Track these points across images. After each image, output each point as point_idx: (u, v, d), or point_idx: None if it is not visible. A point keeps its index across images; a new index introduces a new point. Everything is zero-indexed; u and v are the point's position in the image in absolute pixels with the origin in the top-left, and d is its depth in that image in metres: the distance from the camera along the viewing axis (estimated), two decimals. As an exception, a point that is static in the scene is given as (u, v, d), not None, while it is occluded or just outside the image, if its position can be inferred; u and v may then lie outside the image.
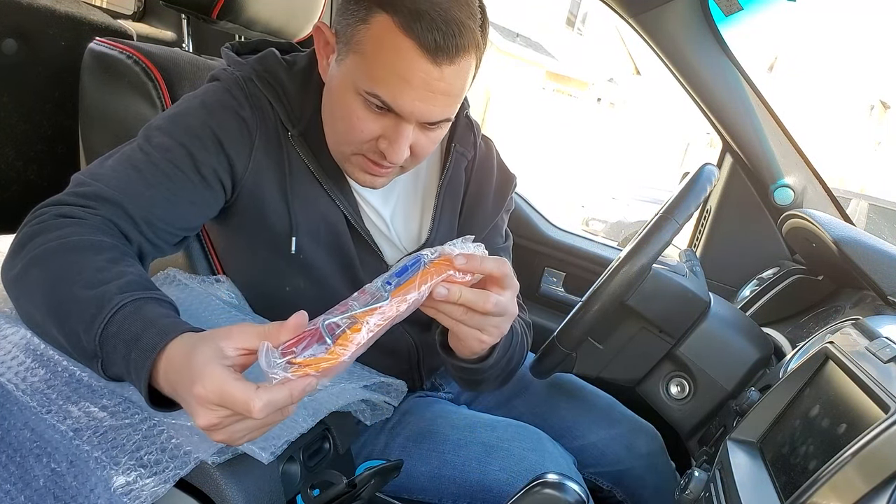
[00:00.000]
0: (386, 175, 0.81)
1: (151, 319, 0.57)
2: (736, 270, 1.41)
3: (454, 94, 0.74)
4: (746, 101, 1.32)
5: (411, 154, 0.78)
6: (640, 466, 1.02)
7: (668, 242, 0.86)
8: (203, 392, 0.51)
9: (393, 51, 0.69)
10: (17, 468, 0.59)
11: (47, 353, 0.64)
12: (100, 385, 0.63)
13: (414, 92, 0.71)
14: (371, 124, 0.74)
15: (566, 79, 15.12)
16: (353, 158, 0.80)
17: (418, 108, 0.72)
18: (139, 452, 0.58)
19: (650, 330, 0.96)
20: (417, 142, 0.77)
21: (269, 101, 0.82)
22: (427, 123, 0.75)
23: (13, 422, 0.61)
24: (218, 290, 0.86)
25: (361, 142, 0.76)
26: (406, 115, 0.73)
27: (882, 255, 0.94)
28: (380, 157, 0.77)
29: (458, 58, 0.70)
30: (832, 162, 13.85)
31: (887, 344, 0.69)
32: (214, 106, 0.79)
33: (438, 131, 0.79)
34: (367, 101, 0.73)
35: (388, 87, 0.71)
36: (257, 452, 0.60)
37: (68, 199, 0.69)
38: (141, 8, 1.41)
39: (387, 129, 0.74)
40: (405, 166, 0.81)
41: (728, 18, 1.27)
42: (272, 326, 0.55)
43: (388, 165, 0.78)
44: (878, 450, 0.53)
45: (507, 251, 1.02)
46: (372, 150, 0.77)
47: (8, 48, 1.06)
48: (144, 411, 0.61)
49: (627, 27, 1.36)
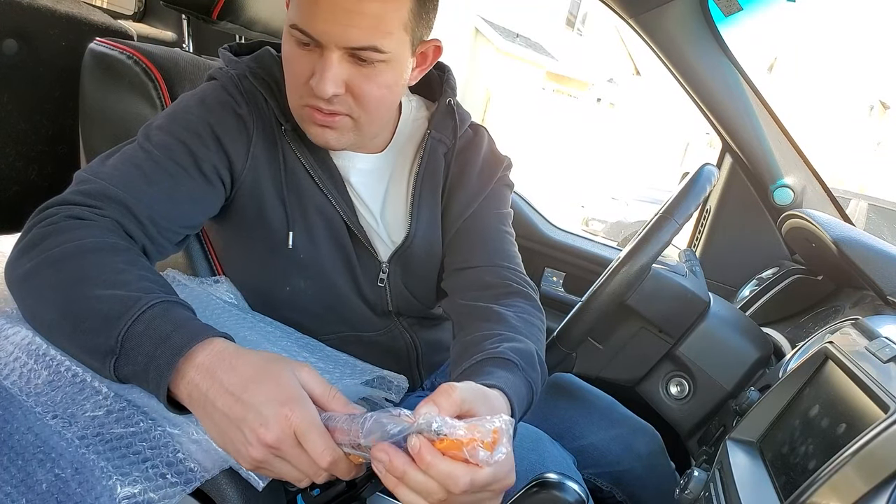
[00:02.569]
0: (335, 127, 0.78)
1: (182, 321, 0.57)
2: (735, 270, 1.41)
3: (371, 13, 0.71)
4: (746, 102, 1.32)
5: (353, 97, 0.76)
6: (639, 467, 1.02)
7: (668, 242, 0.86)
8: (291, 418, 0.51)
9: None
10: (19, 471, 0.59)
11: (50, 353, 0.64)
12: (104, 387, 0.63)
13: (324, 12, 0.70)
14: (303, 63, 0.74)
15: (566, 79, 15.12)
16: (303, 112, 0.78)
17: (332, 29, 0.71)
18: (145, 465, 0.57)
19: (650, 330, 0.96)
20: (352, 79, 0.74)
21: (264, 97, 0.82)
22: (350, 50, 0.72)
23: (16, 425, 0.61)
24: (217, 290, 0.86)
25: (300, 86, 0.76)
26: (324, 39, 0.71)
27: (881, 255, 0.94)
28: (318, 100, 0.75)
29: None
30: (832, 162, 13.85)
31: (887, 344, 0.69)
32: (212, 104, 0.80)
33: (373, 68, 0.75)
34: (297, 41, 0.73)
35: (302, 12, 0.71)
36: (254, 479, 0.60)
37: (75, 198, 0.69)
38: (141, 8, 1.41)
39: (315, 63, 0.73)
40: (353, 116, 0.78)
41: (728, 19, 1.28)
42: (331, 390, 0.56)
43: (331, 110, 0.76)
44: (878, 449, 0.53)
45: (505, 237, 0.94)
46: (310, 94, 0.75)
47: (8, 48, 1.06)
48: (149, 419, 0.61)
49: (627, 27, 1.36)
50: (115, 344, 0.57)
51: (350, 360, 0.81)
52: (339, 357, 0.81)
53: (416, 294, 0.95)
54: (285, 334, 0.83)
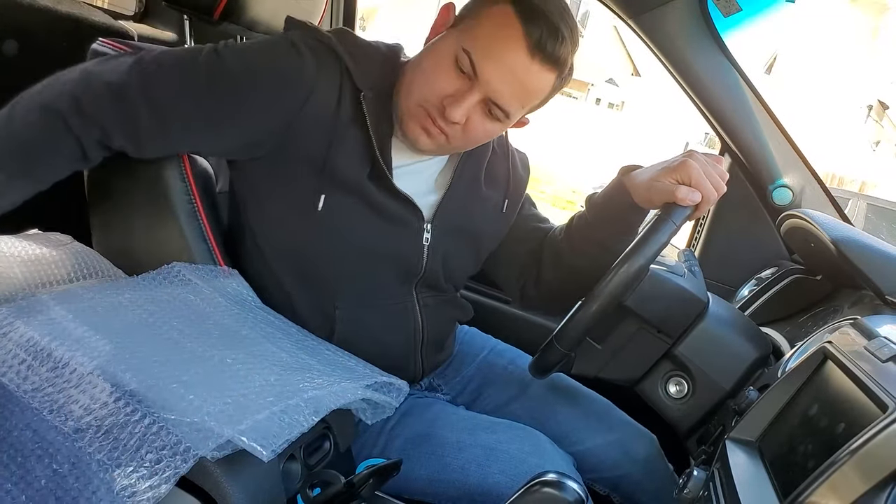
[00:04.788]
0: (435, 137, 0.84)
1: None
2: (734, 270, 1.41)
3: (527, 91, 0.82)
4: (745, 102, 1.32)
5: (463, 129, 0.83)
6: (637, 472, 1.02)
7: (666, 243, 0.86)
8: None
9: (502, 27, 0.79)
10: (19, 468, 0.59)
11: (49, 348, 0.64)
12: (102, 377, 0.63)
13: (500, 67, 0.79)
14: (448, 81, 0.81)
15: (565, 79, 15.07)
16: (415, 110, 0.84)
17: (496, 80, 0.80)
18: (140, 451, 0.58)
19: (648, 330, 0.96)
20: (474, 119, 0.83)
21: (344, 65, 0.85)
22: (492, 103, 0.81)
23: (15, 422, 0.61)
24: (226, 284, 0.86)
25: (431, 93, 0.82)
26: (482, 81, 0.79)
27: (880, 255, 0.94)
28: (438, 114, 0.82)
29: (548, 62, 0.80)
30: (830, 162, 13.86)
31: (885, 343, 0.69)
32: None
33: (495, 124, 0.85)
34: (456, 61, 0.80)
35: (482, 49, 0.79)
36: (258, 450, 0.60)
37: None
38: (142, 9, 1.41)
39: (458, 90, 0.81)
40: (451, 139, 0.84)
41: (727, 19, 1.28)
42: None
43: (441, 125, 0.82)
44: (877, 449, 0.53)
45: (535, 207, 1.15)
46: (435, 106, 0.82)
47: (9, 49, 1.06)
48: (145, 407, 0.61)
49: (627, 28, 1.37)
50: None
51: (350, 364, 0.81)
52: (338, 360, 0.81)
53: (455, 259, 1.00)
54: (286, 335, 0.82)
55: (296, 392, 0.67)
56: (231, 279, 0.88)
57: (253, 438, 0.59)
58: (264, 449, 0.60)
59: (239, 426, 0.59)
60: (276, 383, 0.68)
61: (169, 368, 0.65)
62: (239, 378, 0.67)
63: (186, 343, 0.71)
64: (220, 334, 0.75)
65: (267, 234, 0.91)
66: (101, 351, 0.65)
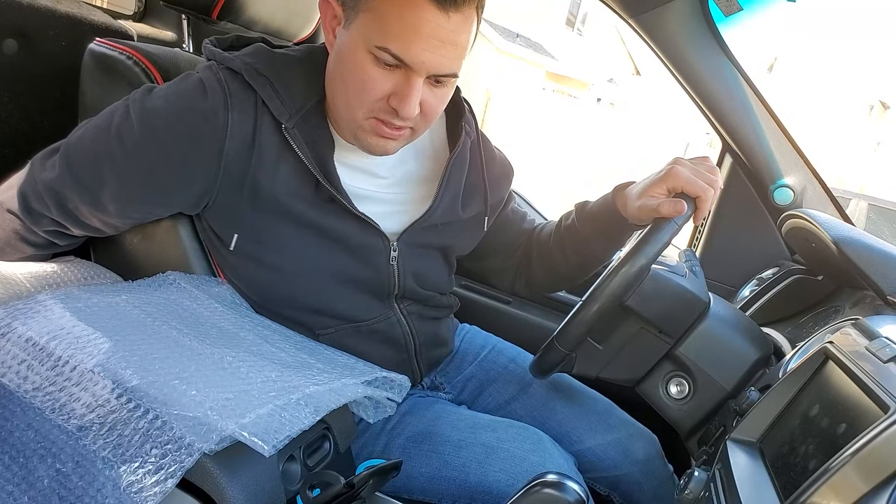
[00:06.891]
0: (399, 139, 0.82)
1: None
2: (735, 270, 1.41)
3: (460, 44, 0.75)
4: (746, 102, 1.32)
5: (421, 113, 0.79)
6: (637, 472, 1.02)
7: (668, 243, 0.86)
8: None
9: (405, 6, 0.71)
10: (21, 468, 0.59)
11: (48, 347, 0.64)
12: (104, 374, 0.63)
13: (424, 42, 0.72)
14: (382, 82, 0.75)
15: (566, 79, 15.11)
16: (365, 124, 0.80)
17: (429, 58, 0.73)
18: (145, 447, 0.58)
19: (649, 330, 0.96)
20: (426, 99, 0.78)
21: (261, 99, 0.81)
22: (436, 77, 0.76)
23: (16, 423, 0.61)
24: (218, 293, 0.86)
25: (374, 101, 0.77)
26: (417, 66, 0.74)
27: (881, 255, 0.94)
28: (392, 116, 0.78)
29: (464, 5, 0.73)
30: (832, 162, 13.83)
31: (887, 344, 0.69)
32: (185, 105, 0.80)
33: (445, 89, 0.80)
34: (377, 59, 0.74)
35: (398, 39, 0.72)
36: (259, 444, 0.60)
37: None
38: (141, 8, 1.41)
39: (398, 84, 0.75)
40: (415, 128, 0.82)
41: (728, 19, 1.28)
42: None
43: (400, 125, 0.79)
44: (878, 449, 0.53)
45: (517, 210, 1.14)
46: (384, 110, 0.78)
47: (8, 48, 1.06)
48: (147, 404, 0.61)
49: (627, 27, 1.36)
50: None
51: (349, 362, 0.81)
52: (337, 359, 0.81)
53: (428, 273, 0.97)
54: (283, 337, 0.82)
55: (297, 388, 0.67)
56: (226, 289, 0.88)
57: (254, 433, 0.59)
58: (265, 444, 0.60)
59: (242, 419, 0.59)
60: (276, 379, 0.68)
61: (169, 365, 0.65)
62: (240, 375, 0.67)
63: (186, 341, 0.71)
64: (219, 335, 0.75)
65: (233, 283, 0.91)
66: (101, 348, 0.65)
